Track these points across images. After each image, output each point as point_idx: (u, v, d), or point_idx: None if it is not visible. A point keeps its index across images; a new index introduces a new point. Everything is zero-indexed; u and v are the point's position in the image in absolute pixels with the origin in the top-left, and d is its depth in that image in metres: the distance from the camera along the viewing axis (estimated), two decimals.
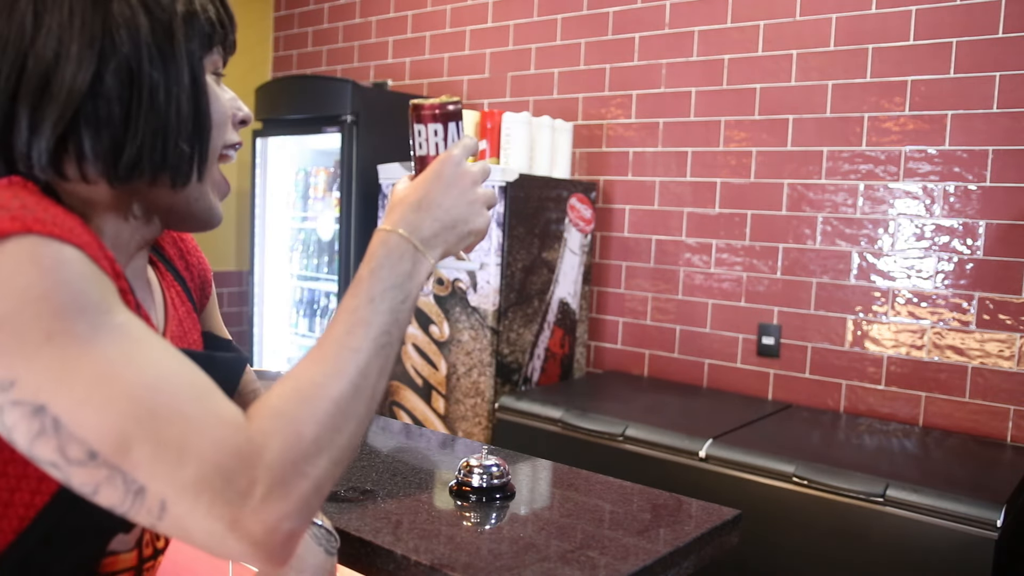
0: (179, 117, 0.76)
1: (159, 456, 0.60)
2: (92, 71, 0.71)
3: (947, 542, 1.75)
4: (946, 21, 2.38)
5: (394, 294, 0.76)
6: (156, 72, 0.74)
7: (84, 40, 0.71)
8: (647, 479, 1.39)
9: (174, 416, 0.62)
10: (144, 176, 0.76)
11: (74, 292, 0.62)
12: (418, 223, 0.81)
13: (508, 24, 3.35)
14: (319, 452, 0.66)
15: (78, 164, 0.74)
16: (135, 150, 0.74)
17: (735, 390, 2.79)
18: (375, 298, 0.75)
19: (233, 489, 0.61)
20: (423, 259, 0.80)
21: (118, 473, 0.61)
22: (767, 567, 1.99)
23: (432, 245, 0.81)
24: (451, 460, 1.35)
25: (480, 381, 2.71)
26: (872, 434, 2.31)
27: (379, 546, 1.00)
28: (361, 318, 0.73)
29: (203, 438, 0.61)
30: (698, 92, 2.86)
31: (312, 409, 0.66)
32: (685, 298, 2.90)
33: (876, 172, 2.51)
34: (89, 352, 0.61)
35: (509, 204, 2.68)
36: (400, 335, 0.76)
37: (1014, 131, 2.28)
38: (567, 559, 0.98)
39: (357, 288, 0.75)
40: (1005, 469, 2.04)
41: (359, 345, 0.71)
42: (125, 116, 0.73)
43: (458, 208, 0.84)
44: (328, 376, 0.69)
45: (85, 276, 0.64)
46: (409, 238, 0.79)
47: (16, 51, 0.71)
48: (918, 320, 2.44)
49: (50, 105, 0.71)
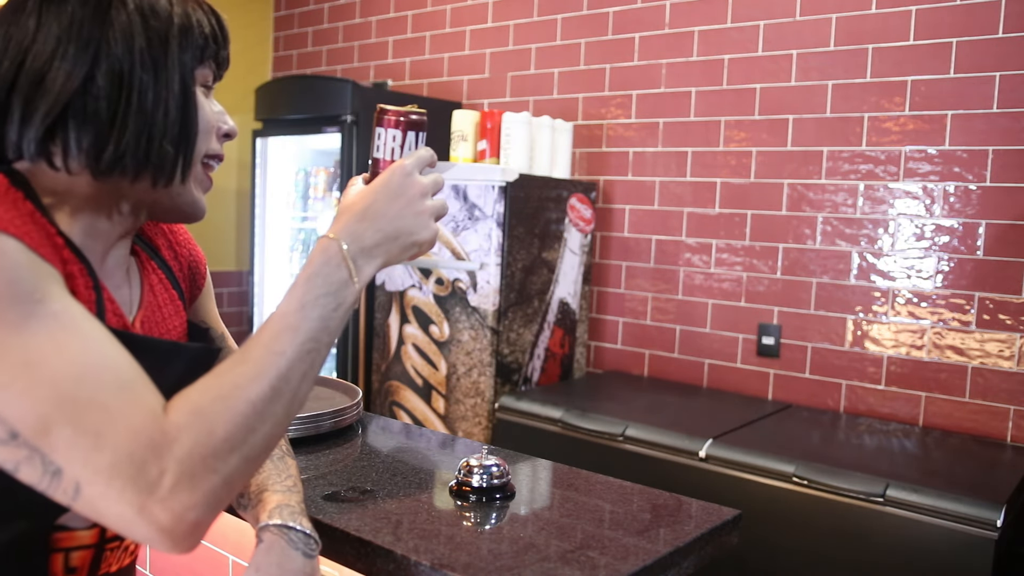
0: (165, 121, 0.80)
1: (76, 441, 0.64)
2: (85, 71, 0.77)
3: (947, 542, 1.75)
4: (946, 21, 2.38)
5: (326, 301, 0.78)
6: (146, 76, 0.79)
7: (80, 42, 0.77)
8: (647, 479, 1.39)
9: (94, 404, 0.65)
10: (127, 173, 0.80)
11: (7, 280, 0.66)
12: (360, 232, 0.82)
13: (508, 24, 3.35)
14: (231, 450, 0.69)
15: (64, 156, 0.79)
16: (119, 148, 0.79)
17: (735, 390, 2.79)
18: (306, 304, 0.77)
19: (143, 477, 0.64)
20: (363, 268, 0.81)
21: (37, 454, 0.65)
22: (767, 567, 1.99)
23: (373, 255, 0.82)
24: (451, 460, 1.35)
25: (480, 381, 2.71)
26: (872, 434, 2.31)
27: (379, 546, 1.00)
28: (289, 324, 0.76)
29: (119, 427, 0.65)
30: (698, 92, 2.86)
31: (227, 408, 0.69)
32: (685, 298, 2.90)
33: (876, 172, 2.51)
34: (17, 338, 0.65)
35: (509, 204, 2.68)
36: (330, 341, 0.78)
37: (1014, 131, 2.28)
38: (567, 559, 0.98)
39: (291, 293, 0.78)
40: (1005, 469, 2.04)
41: (283, 349, 0.74)
42: (112, 115, 0.78)
43: (403, 219, 0.84)
44: (248, 378, 0.71)
45: (19, 265, 0.67)
46: (348, 247, 0.80)
47: (18, 48, 0.77)
48: (918, 320, 2.44)
49: (42, 99, 0.76)
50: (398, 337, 2.95)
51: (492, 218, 2.67)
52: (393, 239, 0.84)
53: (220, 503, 0.69)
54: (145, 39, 0.79)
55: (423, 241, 0.86)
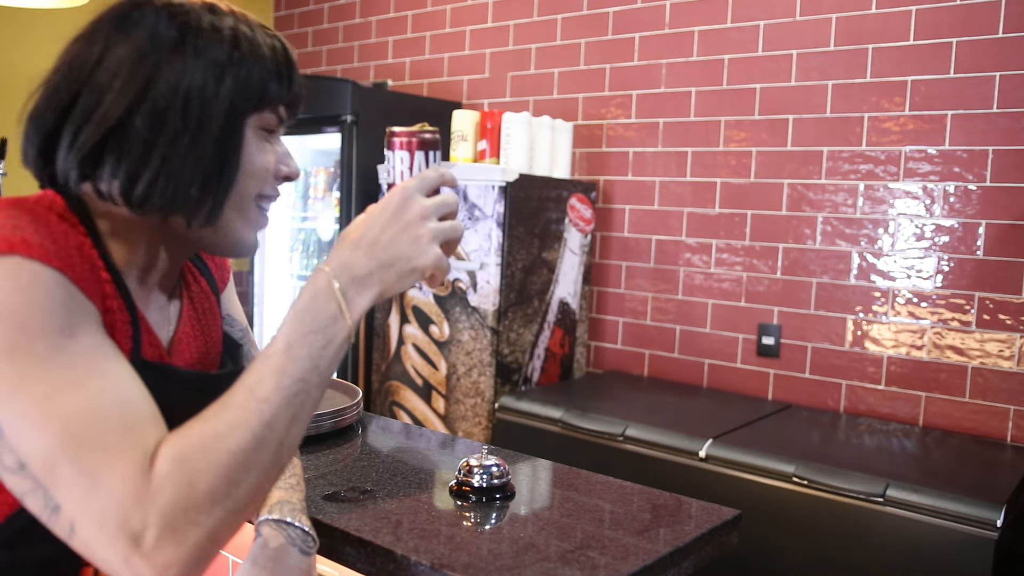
0: (198, 165, 0.80)
1: (75, 482, 0.64)
2: (125, 106, 0.77)
3: (947, 542, 1.75)
4: (946, 21, 2.38)
5: (314, 339, 0.73)
6: (187, 120, 0.79)
7: (130, 78, 0.77)
8: (647, 479, 1.39)
9: (97, 446, 0.65)
10: (155, 211, 0.81)
11: (42, 312, 0.67)
12: (352, 261, 0.77)
13: (508, 24, 3.35)
14: (213, 503, 0.66)
15: (107, 186, 0.80)
16: (148, 187, 0.79)
17: (735, 390, 2.79)
18: (292, 344, 0.73)
19: (128, 528, 0.64)
20: (355, 300, 0.76)
21: (40, 488, 0.66)
22: (767, 567, 1.99)
23: (366, 284, 0.77)
24: (451, 460, 1.35)
25: (480, 381, 2.71)
26: (872, 434, 2.31)
27: (379, 546, 1.00)
28: (274, 366, 0.72)
29: (114, 472, 0.64)
30: (698, 92, 2.86)
31: (208, 460, 0.66)
32: (685, 298, 2.90)
33: (876, 172, 2.51)
34: (42, 370, 0.66)
35: (509, 204, 2.68)
36: (321, 381, 0.74)
37: (1014, 131, 2.28)
38: (567, 559, 0.98)
39: (280, 331, 0.75)
40: (1005, 469, 2.04)
41: (267, 395, 0.70)
42: (145, 153, 0.78)
43: (398, 245, 0.78)
44: (230, 427, 0.68)
45: (56, 298, 0.69)
46: (339, 279, 0.76)
47: (77, 78, 0.79)
48: (918, 320, 2.44)
49: (88, 130, 0.77)
50: (398, 337, 2.95)
51: (492, 218, 2.67)
52: (388, 266, 0.78)
53: (206, 557, 0.67)
54: (198, 82, 0.79)
55: (422, 267, 0.79)
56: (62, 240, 0.72)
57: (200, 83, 0.79)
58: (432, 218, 0.80)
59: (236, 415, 0.69)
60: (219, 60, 0.80)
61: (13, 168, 2.75)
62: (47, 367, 0.66)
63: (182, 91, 0.78)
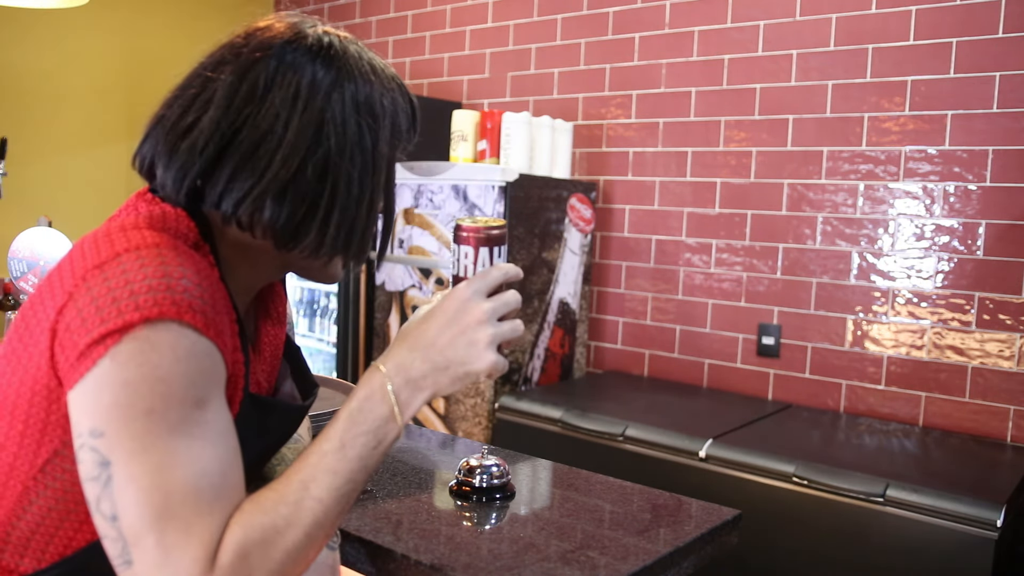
0: (369, 213, 0.83)
1: (154, 550, 0.68)
2: (300, 158, 0.78)
3: (947, 542, 1.75)
4: (946, 21, 2.38)
5: (366, 440, 0.77)
6: (354, 168, 0.80)
7: (300, 126, 0.78)
8: (647, 479, 1.39)
9: (181, 525, 0.69)
10: (320, 255, 0.83)
11: (187, 383, 0.70)
12: (408, 363, 0.79)
13: (508, 24, 3.35)
14: None
15: (257, 225, 0.80)
16: (320, 235, 0.81)
17: (735, 390, 2.79)
18: (346, 444, 0.76)
19: None
20: (408, 402, 0.79)
21: (121, 541, 0.69)
22: (767, 567, 1.99)
23: (420, 387, 0.79)
24: (451, 460, 1.35)
25: (480, 381, 2.71)
26: (872, 434, 2.31)
27: (379, 546, 1.00)
28: (328, 465, 0.75)
29: (187, 553, 0.68)
30: (698, 92, 2.86)
31: (266, 557, 0.71)
32: (685, 298, 2.90)
33: (876, 172, 2.51)
34: (164, 440, 0.69)
35: (509, 204, 2.68)
36: (368, 476, 0.78)
37: (1014, 131, 2.28)
38: (567, 559, 0.98)
39: (333, 428, 0.77)
40: (1005, 469, 2.04)
41: (320, 496, 0.74)
42: (314, 202, 0.79)
43: (454, 349, 0.79)
44: (288, 524, 0.73)
45: (203, 371, 0.72)
46: (394, 380, 0.78)
47: (238, 113, 0.78)
48: (918, 320, 2.44)
49: (250, 170, 0.78)
50: None
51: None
52: (443, 369, 0.79)
53: None
54: (357, 130, 0.80)
55: (476, 371, 0.80)
56: (211, 292, 0.74)
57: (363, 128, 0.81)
58: (491, 321, 0.81)
59: (292, 512, 0.73)
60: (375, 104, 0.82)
61: (13, 168, 2.75)
62: (170, 437, 0.69)
63: (349, 137, 0.80)
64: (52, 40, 3.36)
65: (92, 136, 3.60)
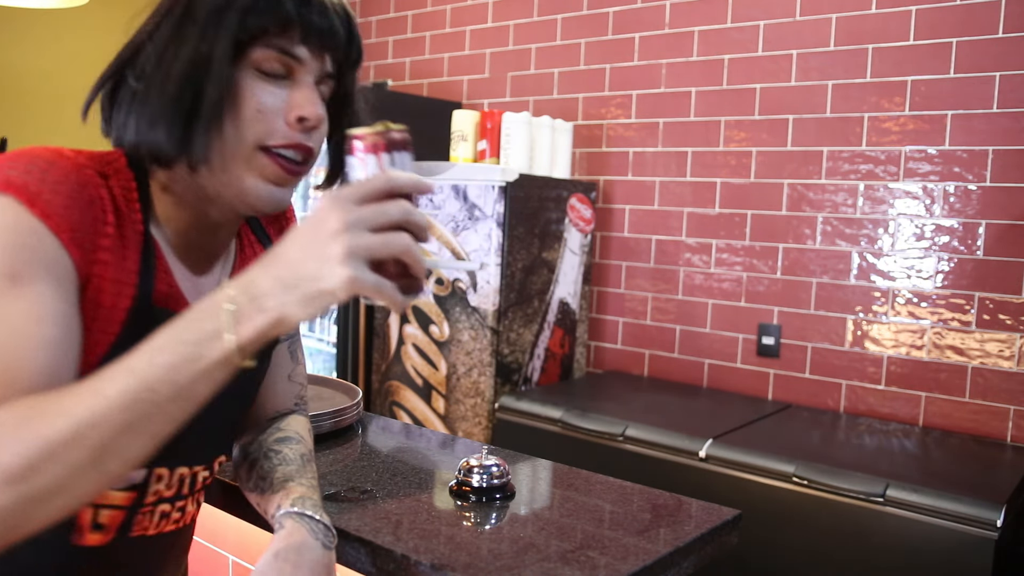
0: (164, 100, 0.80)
1: None
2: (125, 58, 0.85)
3: (947, 542, 1.75)
4: (946, 21, 2.38)
5: (184, 350, 0.66)
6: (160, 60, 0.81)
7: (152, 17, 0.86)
8: (647, 479, 1.39)
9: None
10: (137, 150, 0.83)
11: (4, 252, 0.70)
12: (254, 278, 0.68)
13: (508, 24, 3.35)
14: (7, 482, 0.61)
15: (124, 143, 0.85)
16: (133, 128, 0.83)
17: (735, 390, 2.79)
18: (161, 349, 0.66)
19: None
20: (245, 320, 0.67)
21: None
22: (767, 567, 1.99)
23: (263, 308, 0.66)
24: (451, 460, 1.35)
25: (480, 381, 2.71)
26: (872, 434, 2.31)
27: (379, 546, 1.00)
28: (130, 365, 0.66)
29: None
30: (698, 92, 2.86)
31: (19, 438, 0.62)
32: (685, 298, 2.90)
33: (876, 172, 2.51)
34: None
35: (509, 204, 2.68)
36: (175, 396, 0.66)
37: (1014, 131, 2.28)
38: (567, 559, 0.98)
39: (155, 334, 0.68)
40: (1005, 469, 2.04)
41: (107, 391, 0.64)
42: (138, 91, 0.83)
43: (305, 264, 0.66)
44: (58, 412, 0.64)
45: (23, 247, 0.71)
46: (235, 296, 0.67)
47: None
48: (918, 320, 2.44)
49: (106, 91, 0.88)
50: (398, 337, 2.95)
51: (492, 218, 2.67)
52: (292, 287, 0.66)
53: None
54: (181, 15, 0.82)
55: (328, 289, 0.66)
56: (70, 190, 0.75)
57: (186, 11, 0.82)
58: (351, 231, 0.66)
59: (70, 402, 0.64)
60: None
61: None
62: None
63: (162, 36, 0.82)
64: (52, 40, 3.36)
65: (92, 136, 3.60)
